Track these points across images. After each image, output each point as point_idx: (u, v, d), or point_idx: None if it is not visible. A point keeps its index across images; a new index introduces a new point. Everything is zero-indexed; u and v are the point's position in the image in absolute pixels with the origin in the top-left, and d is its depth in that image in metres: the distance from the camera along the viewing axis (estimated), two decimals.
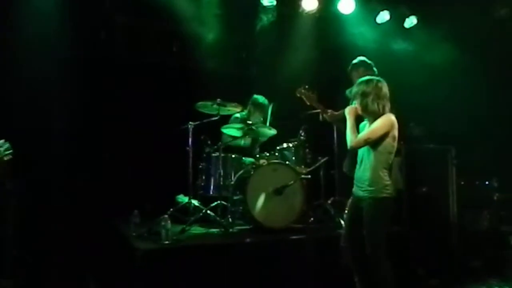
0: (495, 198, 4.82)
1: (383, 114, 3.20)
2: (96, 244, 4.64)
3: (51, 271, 4.18)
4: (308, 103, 4.52)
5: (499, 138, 5.23)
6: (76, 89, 5.05)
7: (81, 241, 4.60)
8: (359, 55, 4.74)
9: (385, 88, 3.25)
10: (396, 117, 3.24)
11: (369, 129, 3.23)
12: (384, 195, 3.18)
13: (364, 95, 3.23)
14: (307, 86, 4.52)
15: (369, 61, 4.65)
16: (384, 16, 5.94)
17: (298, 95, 4.72)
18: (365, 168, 3.26)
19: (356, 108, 3.28)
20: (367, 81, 3.27)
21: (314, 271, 3.97)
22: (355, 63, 4.68)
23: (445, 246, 4.55)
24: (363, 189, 3.26)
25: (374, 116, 3.23)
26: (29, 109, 4.74)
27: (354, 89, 3.32)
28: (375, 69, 4.59)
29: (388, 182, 3.19)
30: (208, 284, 3.62)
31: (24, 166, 4.56)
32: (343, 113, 3.43)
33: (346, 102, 3.76)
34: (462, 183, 4.78)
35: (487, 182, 4.93)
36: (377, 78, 3.32)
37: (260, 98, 5.36)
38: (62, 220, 4.72)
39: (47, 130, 4.84)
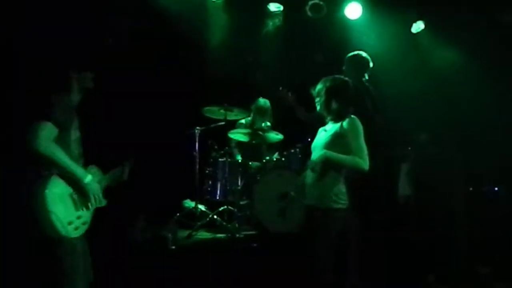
0: (502, 203, 4.78)
1: (345, 115, 3.02)
2: (101, 248, 4.64)
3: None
4: (288, 104, 4.35)
5: (507, 143, 5.19)
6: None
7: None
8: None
9: (350, 90, 3.11)
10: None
11: (356, 142, 2.95)
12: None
13: (328, 93, 3.08)
14: (282, 88, 4.32)
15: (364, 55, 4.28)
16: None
17: (278, 96, 4.52)
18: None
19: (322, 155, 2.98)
20: (333, 79, 3.14)
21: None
22: (349, 56, 4.31)
23: (453, 252, 4.51)
24: None
25: (336, 115, 3.06)
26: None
27: (319, 86, 3.15)
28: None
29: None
30: None
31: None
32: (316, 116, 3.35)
33: None
34: (470, 189, 4.76)
35: (495, 188, 4.90)
36: (344, 77, 3.21)
37: (261, 101, 5.34)
38: None
39: None
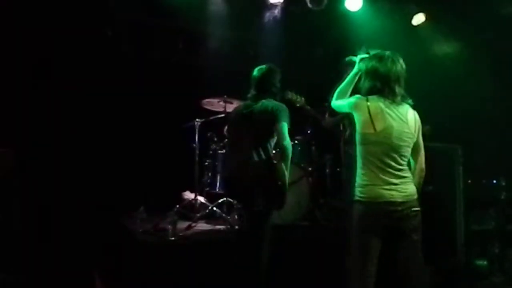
0: (502, 197, 4.79)
1: None
2: (102, 240, 4.67)
3: (57, 267, 4.20)
4: (297, 106, 4.38)
5: (506, 136, 5.20)
6: (82, 85, 5.08)
7: (87, 237, 4.63)
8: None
9: None
10: None
11: None
12: None
13: None
14: (291, 90, 4.32)
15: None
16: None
17: (286, 98, 4.55)
18: None
19: None
20: None
21: (319, 269, 3.97)
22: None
23: (451, 245, 4.53)
24: None
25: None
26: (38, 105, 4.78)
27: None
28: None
29: None
30: (214, 280, 3.63)
31: (30, 162, 4.61)
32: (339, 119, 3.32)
33: None
34: (469, 181, 4.76)
35: (494, 181, 4.90)
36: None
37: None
38: (68, 216, 4.75)
39: (54, 125, 4.86)
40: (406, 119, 2.66)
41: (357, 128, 2.66)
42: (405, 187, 2.62)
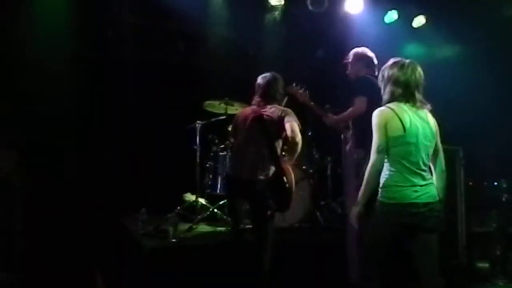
0: (503, 199, 4.78)
1: None
2: (104, 241, 4.67)
3: (58, 268, 4.21)
4: (300, 101, 4.37)
5: (507, 138, 5.19)
6: (83, 87, 5.09)
7: (89, 238, 4.63)
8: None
9: None
10: None
11: None
12: None
13: None
14: (295, 84, 4.32)
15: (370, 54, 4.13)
16: (392, 16, 5.92)
17: (289, 92, 4.53)
18: None
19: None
20: None
21: (320, 270, 3.97)
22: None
23: (453, 247, 4.53)
24: None
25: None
26: (37, 108, 4.78)
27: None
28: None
29: None
30: (214, 282, 3.63)
31: (32, 163, 4.62)
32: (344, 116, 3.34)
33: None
34: (470, 183, 4.75)
35: (495, 183, 4.90)
36: None
37: None
38: (69, 217, 4.75)
39: (55, 128, 4.87)
40: (428, 121, 2.78)
41: (388, 135, 2.70)
42: (428, 189, 2.72)
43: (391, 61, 2.88)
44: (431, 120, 2.81)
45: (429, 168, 2.80)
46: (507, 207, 4.77)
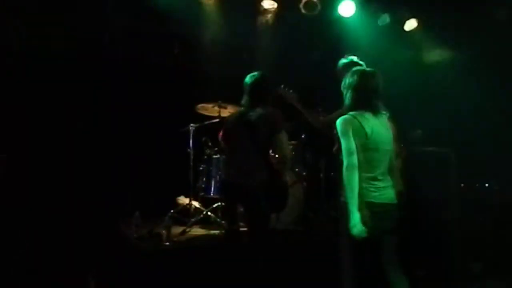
0: (495, 201, 4.82)
1: None
2: (97, 245, 4.65)
3: (51, 271, 4.19)
4: (288, 102, 4.39)
5: (499, 140, 5.24)
6: (77, 90, 5.08)
7: (82, 242, 4.61)
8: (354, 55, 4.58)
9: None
10: None
11: None
12: None
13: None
14: (284, 86, 4.34)
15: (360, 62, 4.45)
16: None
17: (278, 93, 4.54)
18: None
19: None
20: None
21: (313, 273, 3.98)
22: (346, 63, 4.47)
23: (445, 248, 4.55)
24: None
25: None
26: (33, 109, 4.77)
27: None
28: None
29: None
30: (208, 285, 3.63)
31: (24, 166, 4.60)
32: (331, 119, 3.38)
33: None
34: (462, 185, 4.79)
35: (487, 185, 4.94)
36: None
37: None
38: (63, 220, 4.73)
39: (49, 131, 4.85)
40: (387, 127, 2.94)
41: (355, 142, 2.81)
42: (386, 191, 2.87)
43: (353, 68, 3.02)
44: (390, 126, 2.97)
45: (390, 171, 2.94)
46: (499, 208, 4.81)
